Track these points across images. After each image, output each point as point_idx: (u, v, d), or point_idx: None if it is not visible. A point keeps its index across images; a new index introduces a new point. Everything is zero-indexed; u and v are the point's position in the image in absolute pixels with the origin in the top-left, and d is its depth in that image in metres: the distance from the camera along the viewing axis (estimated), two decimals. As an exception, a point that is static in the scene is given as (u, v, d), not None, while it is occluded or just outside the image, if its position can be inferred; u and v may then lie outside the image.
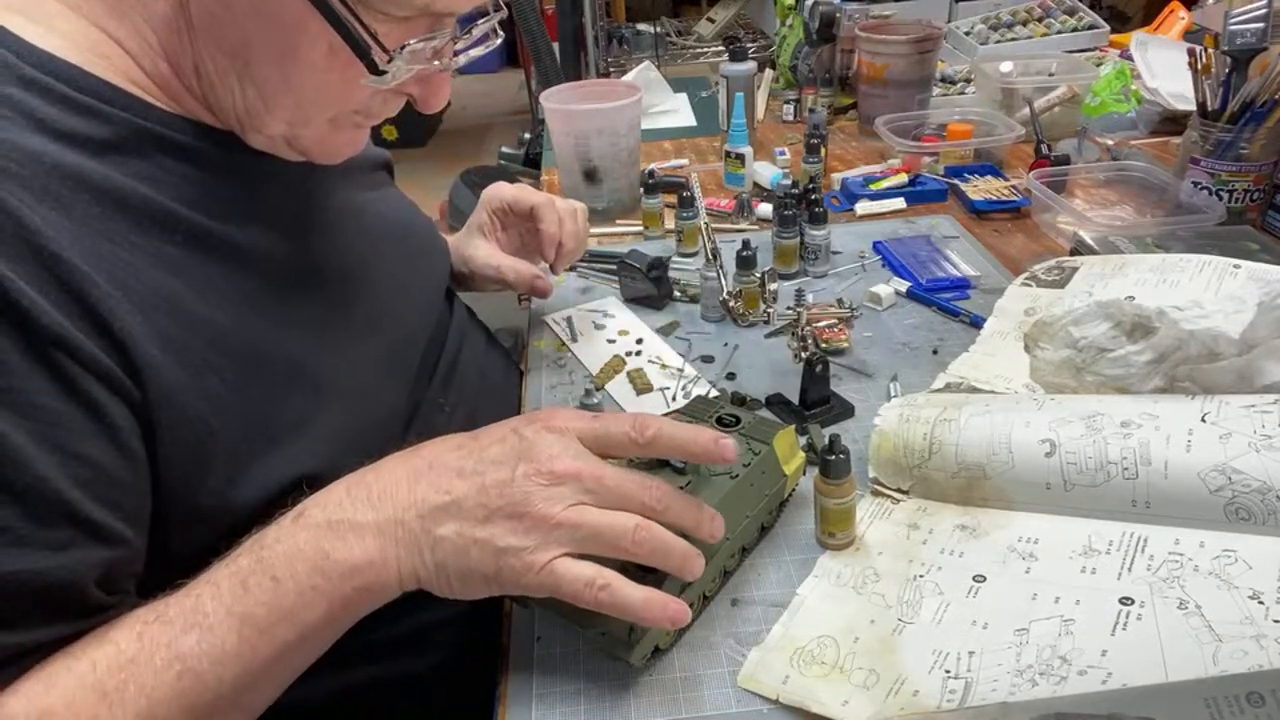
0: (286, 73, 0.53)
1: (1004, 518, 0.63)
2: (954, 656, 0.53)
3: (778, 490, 0.64)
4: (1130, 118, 1.42)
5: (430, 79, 0.58)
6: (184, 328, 0.52)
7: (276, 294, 0.59)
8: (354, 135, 0.61)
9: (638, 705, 0.54)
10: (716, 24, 2.25)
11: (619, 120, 1.15)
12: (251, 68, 0.53)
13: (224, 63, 0.53)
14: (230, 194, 0.58)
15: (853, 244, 1.09)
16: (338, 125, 0.59)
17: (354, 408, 0.62)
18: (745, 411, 0.67)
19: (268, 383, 0.56)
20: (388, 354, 0.69)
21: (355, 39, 0.50)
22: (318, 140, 0.59)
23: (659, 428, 0.53)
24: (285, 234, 0.62)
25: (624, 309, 0.99)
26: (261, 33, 0.51)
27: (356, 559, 0.50)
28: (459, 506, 0.51)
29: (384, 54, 0.52)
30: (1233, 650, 0.47)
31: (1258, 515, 0.55)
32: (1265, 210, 1.05)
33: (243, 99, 0.55)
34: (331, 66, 0.52)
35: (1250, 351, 0.65)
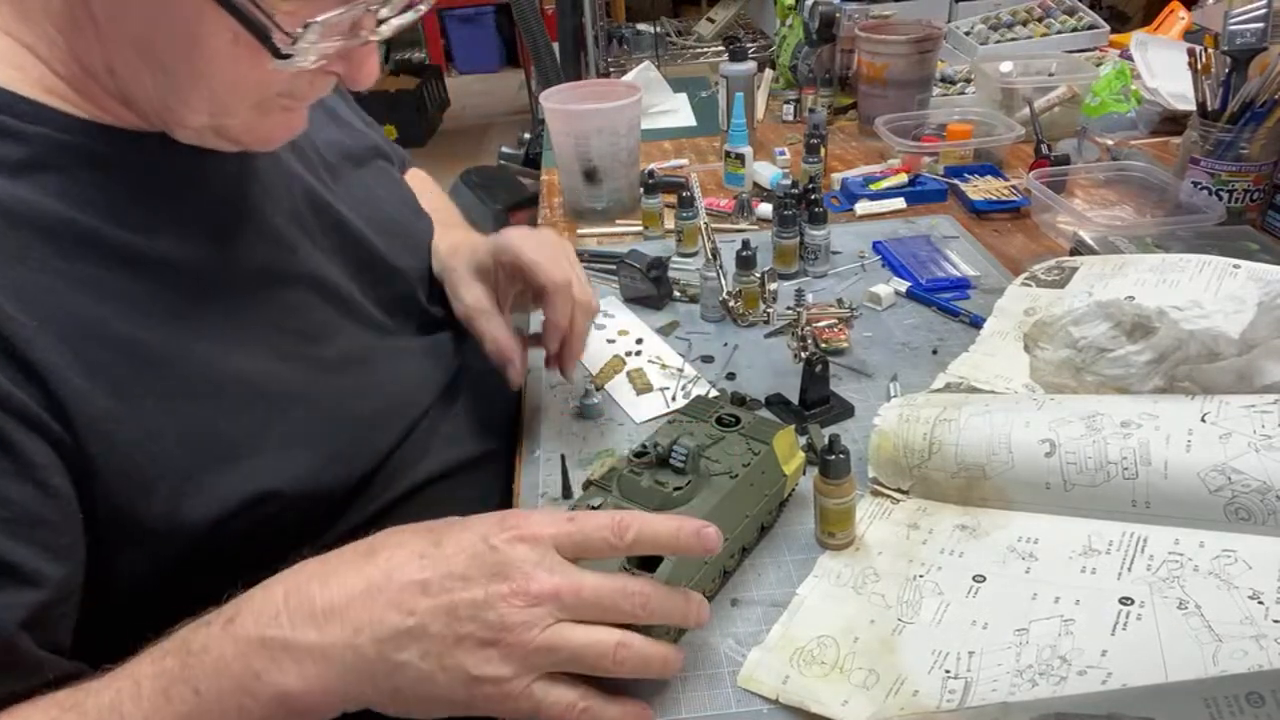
0: (195, 64, 0.50)
1: (1004, 518, 0.63)
2: (954, 656, 0.53)
3: (777, 490, 0.64)
4: (1130, 118, 1.42)
5: (352, 54, 0.54)
6: (112, 352, 0.50)
7: (213, 306, 0.57)
8: (287, 118, 0.58)
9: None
10: (716, 24, 2.25)
11: (619, 120, 1.15)
12: (160, 61, 0.50)
13: (132, 57, 0.51)
14: (158, 205, 0.56)
15: (852, 244, 1.09)
16: (265, 110, 0.55)
17: (318, 416, 0.61)
18: (745, 411, 0.67)
19: (210, 398, 0.54)
20: (352, 358, 0.66)
21: (252, 23, 0.47)
22: (247, 128, 0.56)
23: (638, 528, 0.49)
24: (221, 242, 0.59)
25: (624, 309, 0.99)
26: (163, 24, 0.49)
27: (290, 685, 0.45)
28: (424, 631, 0.45)
29: (285, 36, 0.48)
30: (1232, 650, 0.47)
31: (1257, 515, 0.55)
32: (1265, 210, 1.05)
33: (158, 94, 0.52)
34: (239, 54, 0.49)
35: (1250, 351, 0.65)
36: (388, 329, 0.72)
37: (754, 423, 0.65)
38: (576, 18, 2.22)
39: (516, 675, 0.46)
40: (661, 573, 0.54)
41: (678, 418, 0.68)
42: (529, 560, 0.47)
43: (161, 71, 0.51)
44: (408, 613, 0.46)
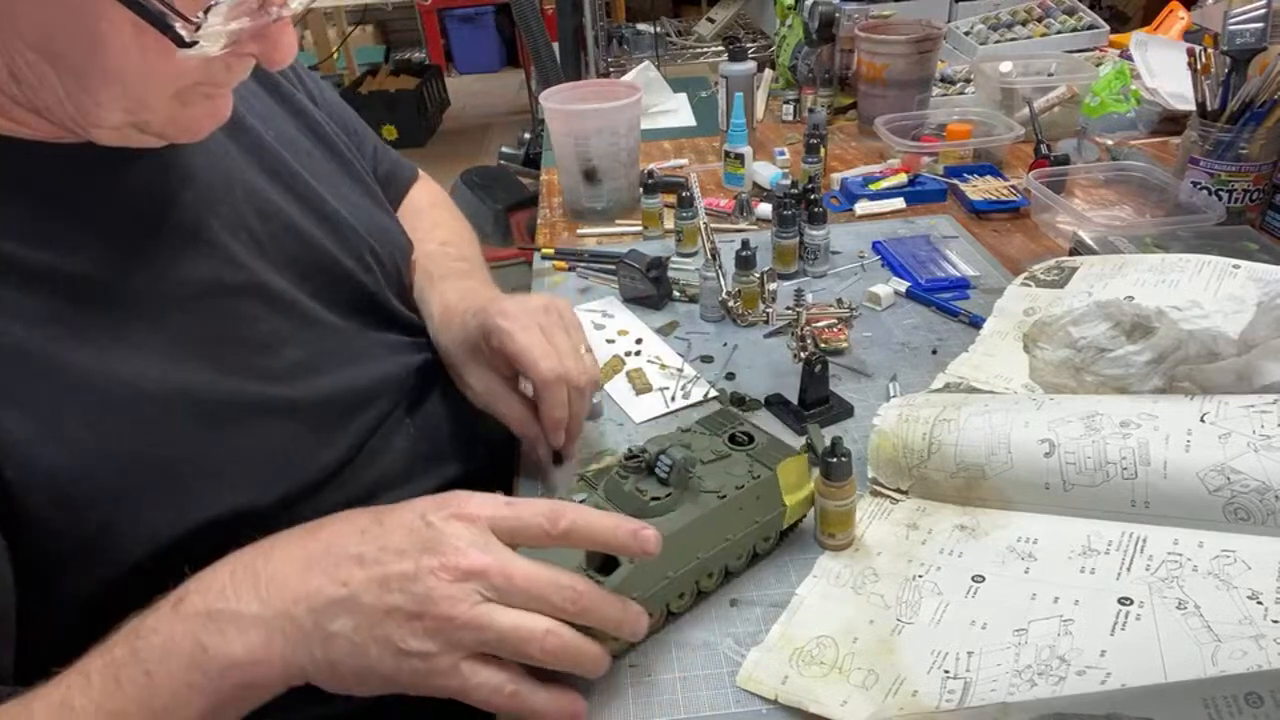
0: (100, 61, 0.47)
1: (1003, 518, 0.63)
2: (953, 656, 0.53)
3: (773, 519, 0.61)
4: (1130, 118, 1.42)
5: (267, 32, 0.51)
6: (30, 376, 0.49)
7: (143, 322, 0.55)
8: (211, 106, 0.55)
9: (636, 705, 0.54)
10: (716, 24, 2.25)
11: (619, 120, 1.15)
12: (64, 62, 0.47)
13: (35, 60, 0.47)
14: (76, 220, 0.54)
15: (852, 244, 1.09)
16: (185, 101, 0.52)
17: (268, 429, 0.59)
18: (762, 433, 0.65)
19: (146, 417, 0.53)
20: (305, 365, 0.64)
21: (150, 13, 0.45)
22: (169, 121, 0.53)
23: (573, 519, 0.49)
24: (150, 255, 0.57)
25: (623, 309, 0.99)
26: (60, 23, 0.46)
27: (237, 654, 0.45)
28: (355, 601, 0.46)
29: (187, 23, 0.46)
30: (1231, 650, 0.47)
31: (1257, 515, 0.55)
32: (1265, 210, 1.05)
33: (68, 97, 0.49)
34: (145, 45, 0.47)
35: (1249, 351, 0.65)
36: (342, 331, 0.70)
37: (766, 445, 0.63)
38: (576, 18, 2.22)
39: (442, 651, 0.46)
40: (614, 578, 0.52)
41: (694, 428, 0.67)
42: (462, 537, 0.47)
43: (68, 73, 0.48)
44: (341, 583, 0.46)
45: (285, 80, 0.78)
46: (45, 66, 0.48)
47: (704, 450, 0.63)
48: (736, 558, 0.61)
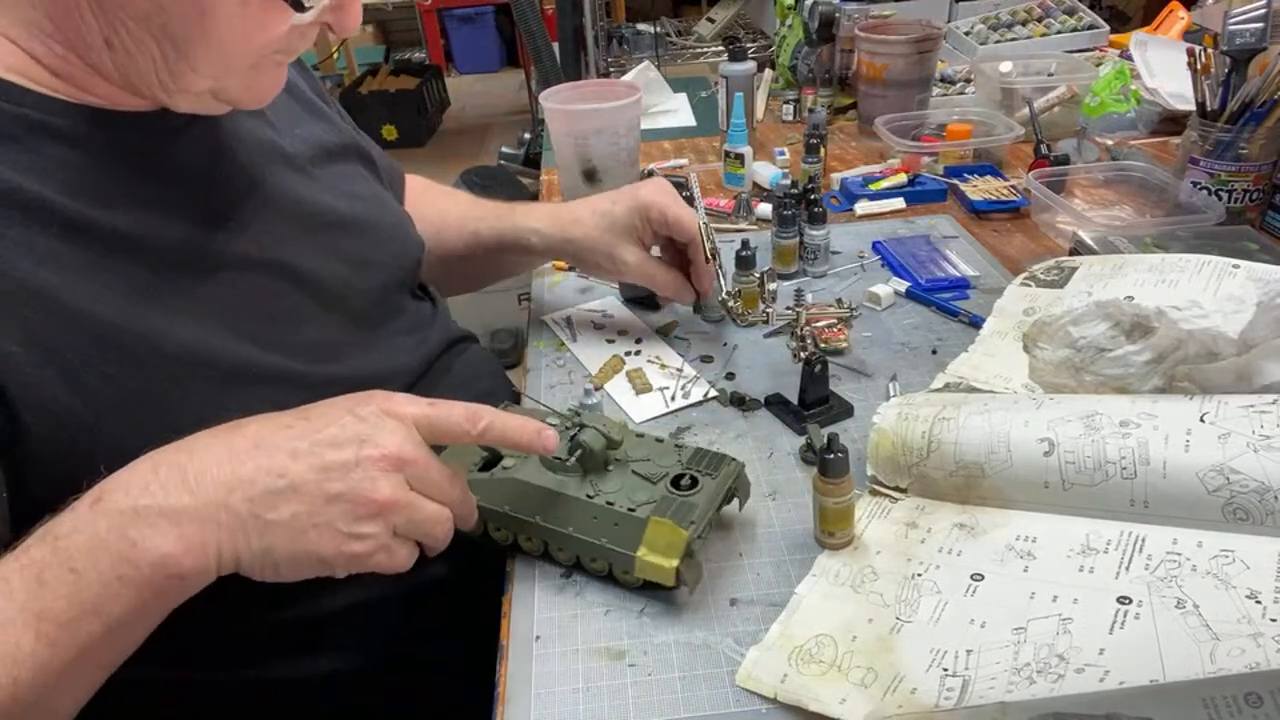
0: (205, 29, 0.52)
1: (1002, 516, 0.63)
2: (952, 655, 0.53)
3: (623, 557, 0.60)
4: (1130, 118, 1.42)
5: (342, 4, 0.58)
6: (56, 323, 0.51)
7: (174, 283, 0.58)
8: (277, 74, 0.61)
9: (636, 704, 0.54)
10: (716, 24, 2.25)
11: (619, 120, 1.15)
12: (169, 30, 0.52)
13: (138, 30, 0.53)
14: (121, 180, 0.57)
15: (852, 244, 1.09)
16: (260, 68, 0.58)
17: (279, 397, 0.60)
18: (710, 489, 0.62)
19: (163, 375, 0.55)
20: (316, 344, 0.67)
21: None
22: (245, 88, 0.59)
23: (490, 420, 0.55)
24: (185, 221, 0.60)
25: (623, 309, 0.99)
26: None
27: (169, 547, 0.47)
28: (295, 490, 0.49)
29: None
30: (1230, 649, 0.47)
31: (1256, 515, 0.55)
32: (1264, 210, 1.05)
33: (164, 63, 0.54)
34: (248, 13, 0.53)
35: (1249, 351, 0.65)
36: (360, 319, 0.73)
37: (690, 501, 0.60)
38: (576, 18, 2.22)
39: (382, 532, 0.51)
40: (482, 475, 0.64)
41: (678, 445, 0.66)
42: (396, 432, 0.52)
43: (168, 41, 0.53)
44: (278, 475, 0.49)
45: (300, 82, 0.81)
46: (146, 35, 0.53)
47: (645, 462, 0.64)
48: (590, 558, 0.62)
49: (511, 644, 0.60)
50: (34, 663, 0.44)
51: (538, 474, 0.64)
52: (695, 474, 0.63)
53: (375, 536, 0.50)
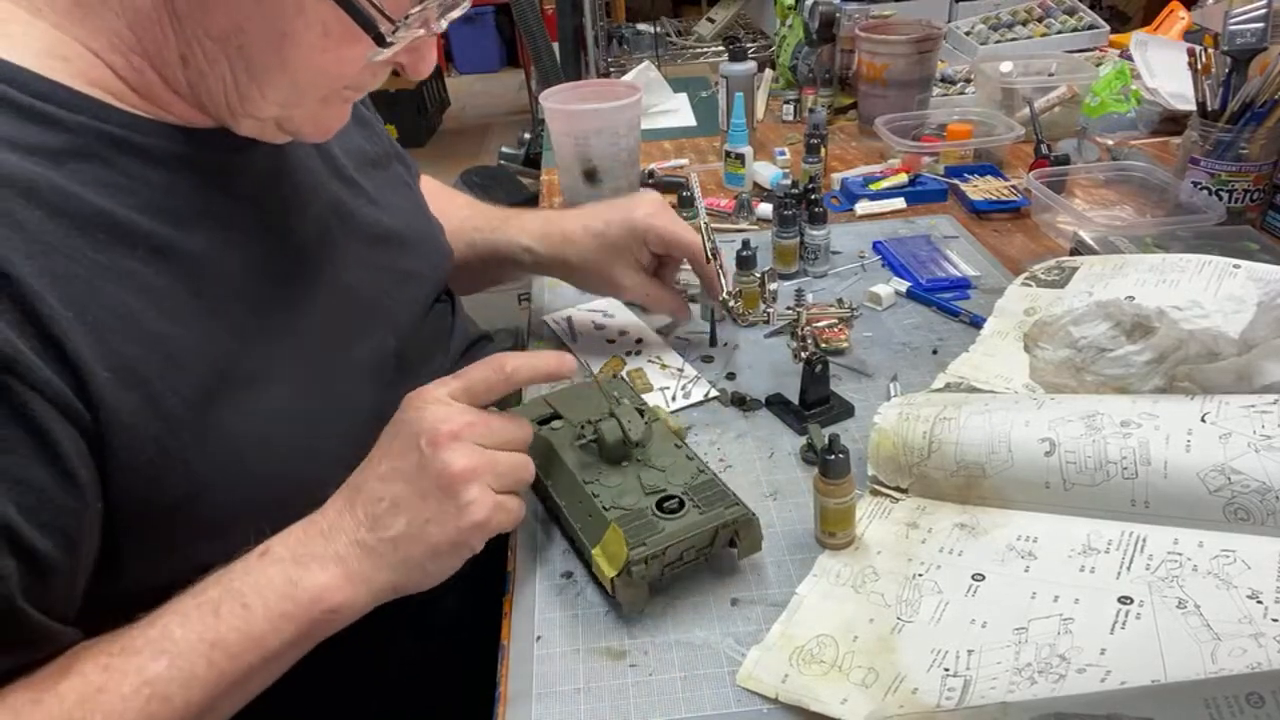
0: (283, 55, 0.52)
1: (1003, 516, 0.63)
2: (953, 655, 0.53)
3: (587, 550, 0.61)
4: (1130, 118, 1.42)
5: (418, 47, 0.57)
6: (141, 347, 0.51)
7: (241, 304, 0.58)
8: (343, 110, 0.60)
9: (637, 704, 0.54)
10: (716, 24, 2.25)
11: (619, 120, 1.15)
12: (245, 52, 0.52)
13: (214, 49, 0.52)
14: (195, 198, 0.56)
15: (852, 244, 1.09)
16: (328, 102, 0.58)
17: (328, 421, 0.62)
18: (696, 516, 0.60)
19: (231, 398, 0.55)
20: (368, 363, 0.68)
21: (360, 13, 0.49)
22: (310, 119, 0.58)
23: (515, 363, 0.60)
24: (253, 240, 0.60)
25: (623, 309, 0.99)
26: (255, 17, 0.50)
27: (324, 583, 0.53)
28: (397, 503, 0.55)
29: (389, 24, 0.51)
30: (1231, 649, 0.47)
31: (1257, 515, 0.55)
32: (1265, 210, 1.05)
33: (234, 85, 0.53)
34: (327, 45, 0.51)
35: (1250, 351, 0.65)
36: (408, 335, 0.74)
37: (657, 524, 0.59)
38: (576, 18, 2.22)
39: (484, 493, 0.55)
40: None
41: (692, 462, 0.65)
42: (438, 414, 0.56)
43: (243, 63, 0.52)
44: (379, 499, 0.55)
45: None
46: (221, 55, 0.52)
47: (657, 471, 0.64)
48: (570, 539, 0.65)
49: (512, 644, 0.60)
50: (203, 687, 0.49)
51: (566, 445, 0.67)
52: (685, 499, 0.61)
53: (480, 501, 0.55)
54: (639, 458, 0.65)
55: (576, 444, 0.67)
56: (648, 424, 0.67)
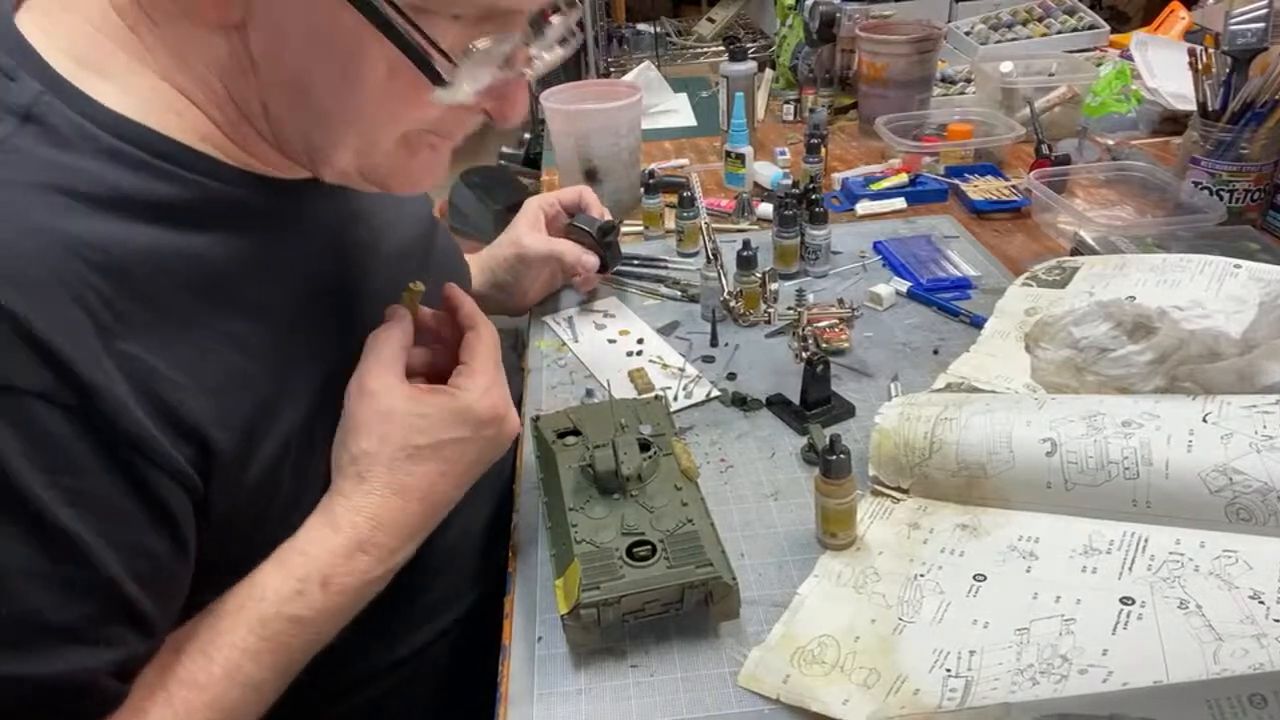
0: (347, 98, 0.50)
1: (1004, 517, 0.63)
2: (955, 655, 0.53)
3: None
4: (1130, 118, 1.42)
5: (504, 90, 0.53)
6: (247, 404, 0.51)
7: (309, 348, 0.57)
8: (431, 159, 0.57)
9: (639, 705, 0.54)
10: (716, 24, 2.25)
11: (619, 120, 1.15)
12: (312, 99, 0.50)
13: (284, 96, 0.50)
14: (285, 252, 0.56)
15: (853, 244, 1.09)
16: (412, 149, 0.54)
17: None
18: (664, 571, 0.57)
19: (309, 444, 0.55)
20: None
21: (415, 51, 0.46)
22: (393, 168, 0.55)
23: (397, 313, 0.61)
24: (321, 285, 0.59)
25: (625, 309, 0.99)
26: (319, 60, 0.48)
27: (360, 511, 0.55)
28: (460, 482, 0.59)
29: (448, 62, 0.47)
30: (1233, 649, 0.47)
31: (1259, 516, 0.55)
32: (1266, 210, 1.05)
33: (308, 133, 0.52)
34: (393, 87, 0.49)
35: (1251, 352, 0.65)
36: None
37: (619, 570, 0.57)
38: (577, 18, 2.22)
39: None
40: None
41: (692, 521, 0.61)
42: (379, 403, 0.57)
43: (313, 110, 0.50)
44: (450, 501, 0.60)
45: None
46: (294, 102, 0.51)
47: (644, 512, 0.61)
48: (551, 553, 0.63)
49: (514, 645, 0.59)
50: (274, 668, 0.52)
51: (569, 464, 0.66)
52: (659, 548, 0.58)
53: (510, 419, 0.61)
54: (633, 492, 0.63)
55: (577, 465, 0.66)
56: (650, 458, 0.65)
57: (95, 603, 0.44)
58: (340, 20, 0.45)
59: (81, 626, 0.44)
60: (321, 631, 0.54)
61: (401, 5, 0.45)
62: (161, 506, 0.46)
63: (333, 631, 0.55)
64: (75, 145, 0.46)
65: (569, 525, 0.60)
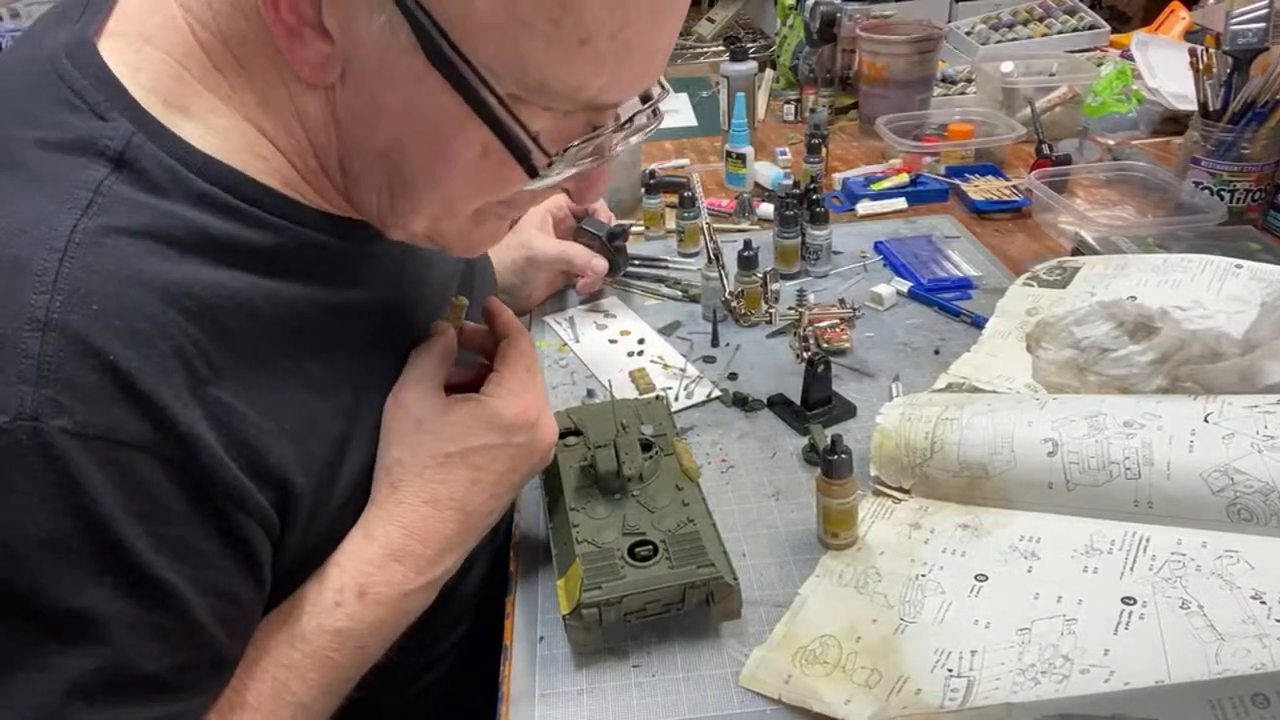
0: (437, 174, 0.49)
1: (1006, 517, 0.63)
2: (956, 655, 0.53)
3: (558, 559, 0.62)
4: (1131, 118, 1.42)
5: (588, 173, 0.53)
6: (325, 447, 0.52)
7: (374, 385, 0.57)
8: (496, 229, 0.57)
9: (640, 705, 0.54)
10: (716, 24, 2.25)
11: (620, 120, 1.15)
12: (402, 168, 0.50)
13: (372, 161, 0.50)
14: (354, 291, 0.56)
15: (854, 244, 1.09)
16: (481, 218, 0.54)
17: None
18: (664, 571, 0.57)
19: (366, 482, 0.56)
20: None
21: (515, 142, 0.46)
22: (460, 234, 0.55)
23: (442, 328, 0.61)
24: (382, 321, 0.59)
25: (626, 309, 0.99)
26: (414, 134, 0.48)
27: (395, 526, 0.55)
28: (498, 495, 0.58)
29: (544, 156, 0.47)
30: (1235, 649, 0.47)
31: (1260, 516, 0.55)
32: (1266, 210, 1.05)
33: (389, 197, 0.51)
34: (484, 167, 0.48)
35: (1253, 352, 0.65)
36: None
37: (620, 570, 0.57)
38: (577, 18, 2.22)
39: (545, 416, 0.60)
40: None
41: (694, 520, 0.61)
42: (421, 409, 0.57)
43: (399, 176, 0.50)
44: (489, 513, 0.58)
45: None
46: (379, 167, 0.50)
47: (646, 512, 0.62)
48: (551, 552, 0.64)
49: (515, 645, 0.60)
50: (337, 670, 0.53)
51: (571, 464, 0.66)
52: (660, 548, 0.58)
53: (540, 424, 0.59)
54: (634, 493, 0.63)
55: (578, 465, 0.66)
56: (651, 458, 0.65)
57: (186, 650, 0.45)
58: (441, 100, 0.44)
59: (173, 676, 0.44)
60: (367, 646, 0.54)
61: (501, 94, 0.44)
62: (248, 552, 0.47)
63: (380, 646, 0.55)
64: (167, 190, 0.45)
65: (570, 525, 0.61)
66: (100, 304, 0.41)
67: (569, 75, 0.44)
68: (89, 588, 0.41)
